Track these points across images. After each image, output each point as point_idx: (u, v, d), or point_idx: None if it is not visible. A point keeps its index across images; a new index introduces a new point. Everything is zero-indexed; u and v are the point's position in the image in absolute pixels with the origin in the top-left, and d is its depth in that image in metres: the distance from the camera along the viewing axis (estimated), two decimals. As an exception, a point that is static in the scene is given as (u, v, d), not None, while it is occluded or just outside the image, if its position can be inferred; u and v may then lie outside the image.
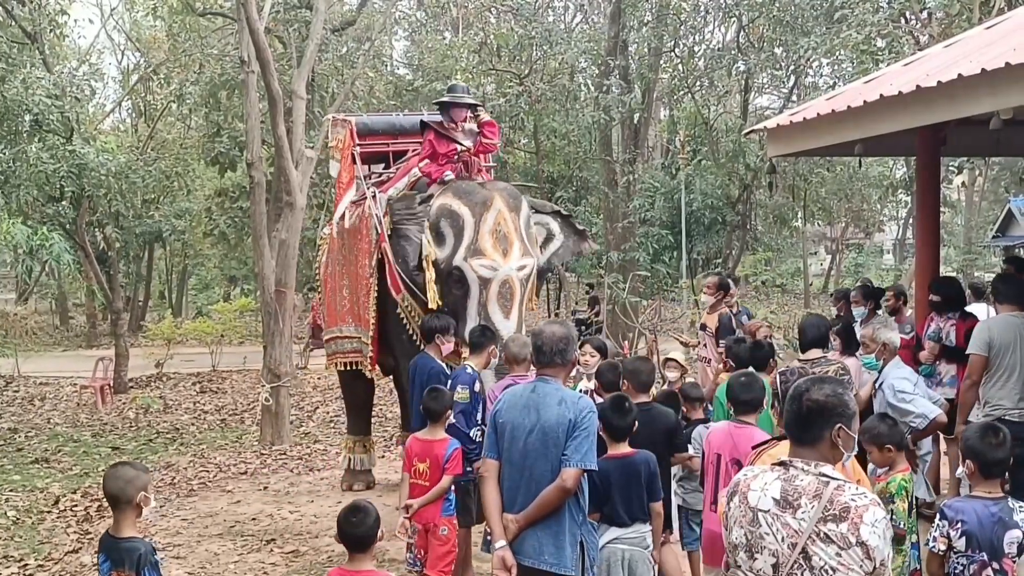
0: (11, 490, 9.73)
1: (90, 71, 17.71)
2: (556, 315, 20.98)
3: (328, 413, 14.10)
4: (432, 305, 6.94)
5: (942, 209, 26.19)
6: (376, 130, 8.93)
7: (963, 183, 24.93)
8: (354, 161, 8.43)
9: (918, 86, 5.77)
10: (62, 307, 29.51)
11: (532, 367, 5.11)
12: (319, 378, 17.40)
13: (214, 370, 18.27)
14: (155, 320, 25.62)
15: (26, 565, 7.36)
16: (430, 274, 6.98)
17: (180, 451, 11.67)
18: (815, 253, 44.53)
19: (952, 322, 7.09)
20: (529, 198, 7.98)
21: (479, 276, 6.80)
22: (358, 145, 8.50)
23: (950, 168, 15.28)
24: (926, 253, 7.82)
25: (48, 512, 8.92)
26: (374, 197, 7.80)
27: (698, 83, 19.01)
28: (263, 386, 11.73)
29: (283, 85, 13.03)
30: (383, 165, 8.84)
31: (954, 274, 23.11)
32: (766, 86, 21.43)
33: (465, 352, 6.64)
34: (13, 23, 15.96)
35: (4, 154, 13.92)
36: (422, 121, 8.07)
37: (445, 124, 7.67)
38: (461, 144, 7.56)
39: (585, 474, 4.24)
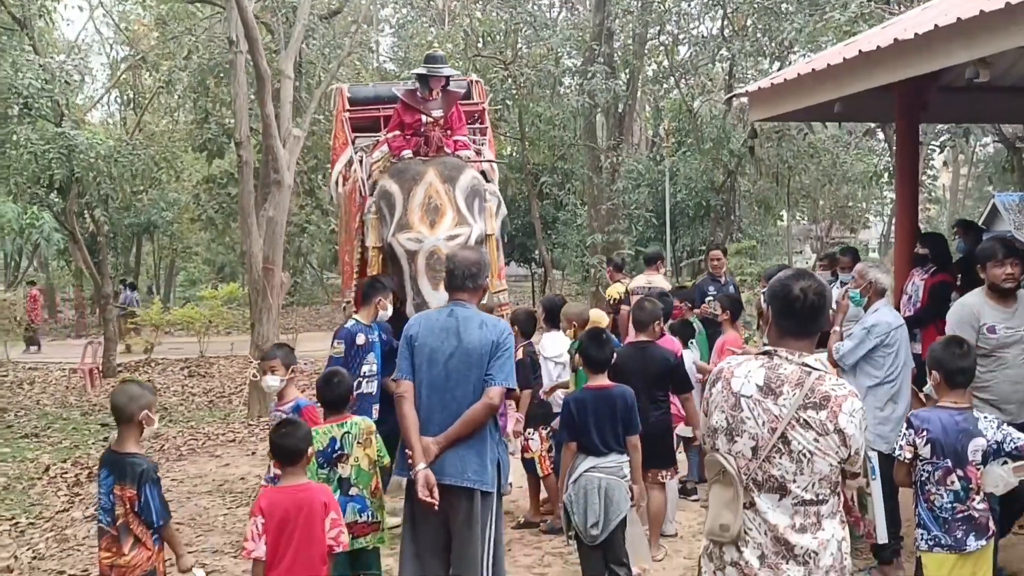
0: (1, 461, 9.77)
1: (79, 57, 17.73)
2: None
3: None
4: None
5: (927, 205, 26.49)
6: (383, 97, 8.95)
7: (945, 163, 25.10)
8: (344, 127, 8.49)
9: (896, 39, 5.87)
10: (51, 300, 29.46)
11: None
12: (306, 364, 17.46)
13: (202, 356, 18.33)
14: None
15: (17, 523, 7.42)
16: (373, 258, 7.06)
17: (168, 427, 11.72)
18: (800, 252, 44.78)
19: (923, 277, 7.17)
20: None
21: (405, 250, 6.77)
22: (348, 111, 8.57)
23: (931, 148, 15.45)
24: (905, 222, 7.94)
25: (39, 479, 8.97)
26: (360, 161, 7.88)
27: (682, 69, 19.15)
28: (252, 363, 11.79)
29: (271, 67, 13.11)
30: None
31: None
32: (750, 74, 21.59)
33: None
34: (2, 9, 15.98)
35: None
36: (393, 93, 8.06)
37: (418, 94, 7.57)
38: (428, 115, 7.51)
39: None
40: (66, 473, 9.11)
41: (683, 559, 5.94)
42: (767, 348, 3.08)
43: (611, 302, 9.96)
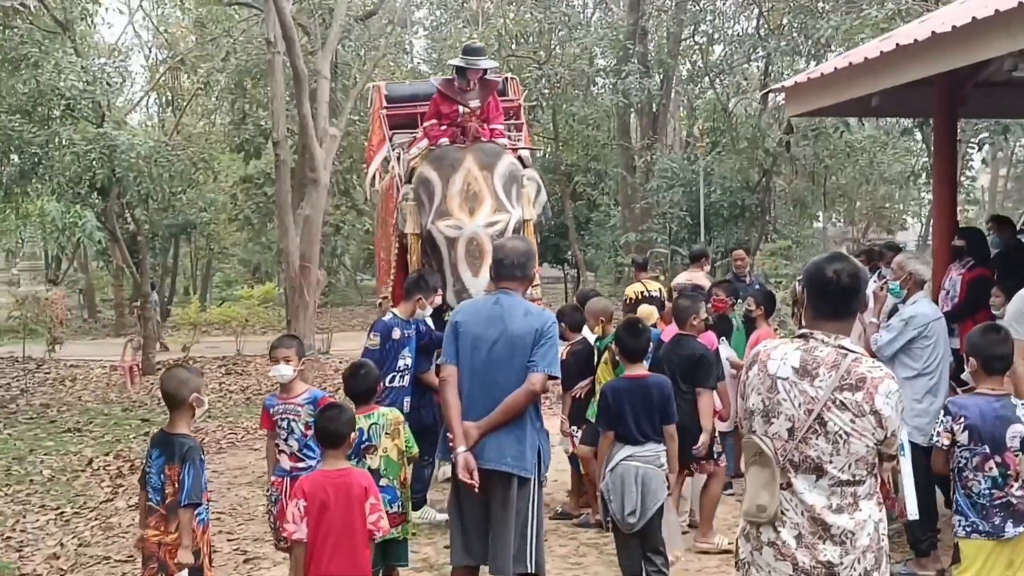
0: (45, 454, 9.98)
1: (119, 59, 18.08)
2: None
3: (353, 391, 14.26)
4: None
5: (966, 207, 26.21)
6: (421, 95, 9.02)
7: (984, 161, 24.78)
8: (382, 123, 8.59)
9: (933, 32, 5.85)
10: (90, 301, 29.94)
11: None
12: (341, 362, 17.61)
13: (239, 354, 18.53)
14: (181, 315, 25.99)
15: (63, 513, 7.60)
16: (412, 245, 7.12)
17: (208, 421, 11.88)
18: (836, 254, 44.32)
19: (960, 272, 7.10)
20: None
21: (445, 237, 6.83)
22: (385, 108, 8.67)
23: (970, 145, 15.29)
24: (943, 219, 7.85)
25: (82, 471, 9.15)
26: (398, 158, 7.97)
27: (717, 69, 19.13)
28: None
29: (308, 67, 13.28)
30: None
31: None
32: (786, 73, 21.55)
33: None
34: (45, 12, 16.30)
35: (37, 137, 14.26)
36: (432, 85, 8.14)
37: (455, 85, 7.58)
38: (465, 106, 7.52)
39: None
40: (109, 466, 9.29)
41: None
42: (803, 331, 3.08)
43: (627, 301, 9.96)
